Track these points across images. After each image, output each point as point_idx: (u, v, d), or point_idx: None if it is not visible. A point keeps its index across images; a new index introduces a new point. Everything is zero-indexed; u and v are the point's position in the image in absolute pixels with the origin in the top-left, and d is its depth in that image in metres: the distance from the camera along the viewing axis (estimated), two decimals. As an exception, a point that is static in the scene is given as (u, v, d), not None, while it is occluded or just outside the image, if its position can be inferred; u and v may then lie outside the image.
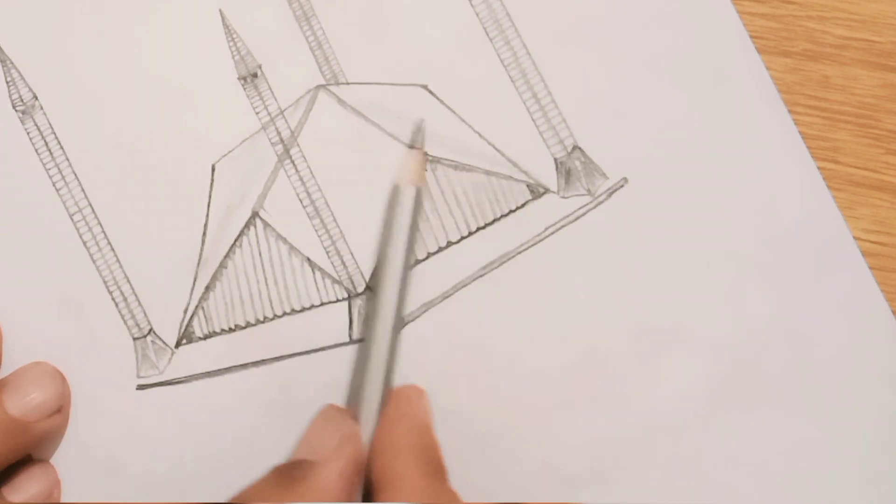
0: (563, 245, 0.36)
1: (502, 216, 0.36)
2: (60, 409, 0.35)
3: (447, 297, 0.36)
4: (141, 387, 0.36)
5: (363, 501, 0.33)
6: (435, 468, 0.32)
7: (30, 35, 0.36)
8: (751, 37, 0.36)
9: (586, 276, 0.36)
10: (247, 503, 0.31)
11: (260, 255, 0.36)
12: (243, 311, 0.36)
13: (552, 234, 0.36)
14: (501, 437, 0.36)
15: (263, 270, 0.36)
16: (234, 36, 0.36)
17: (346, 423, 0.33)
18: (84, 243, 0.36)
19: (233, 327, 0.36)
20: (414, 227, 0.35)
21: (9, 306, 0.36)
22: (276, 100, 0.36)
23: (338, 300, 0.36)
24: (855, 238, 0.36)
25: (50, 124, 0.36)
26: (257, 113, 0.36)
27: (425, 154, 0.36)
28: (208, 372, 0.36)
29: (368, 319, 0.34)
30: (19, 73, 0.36)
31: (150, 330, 0.36)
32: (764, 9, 0.36)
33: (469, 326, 0.36)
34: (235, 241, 0.36)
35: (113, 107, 0.36)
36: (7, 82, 0.36)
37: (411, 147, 0.36)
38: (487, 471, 0.35)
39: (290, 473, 0.31)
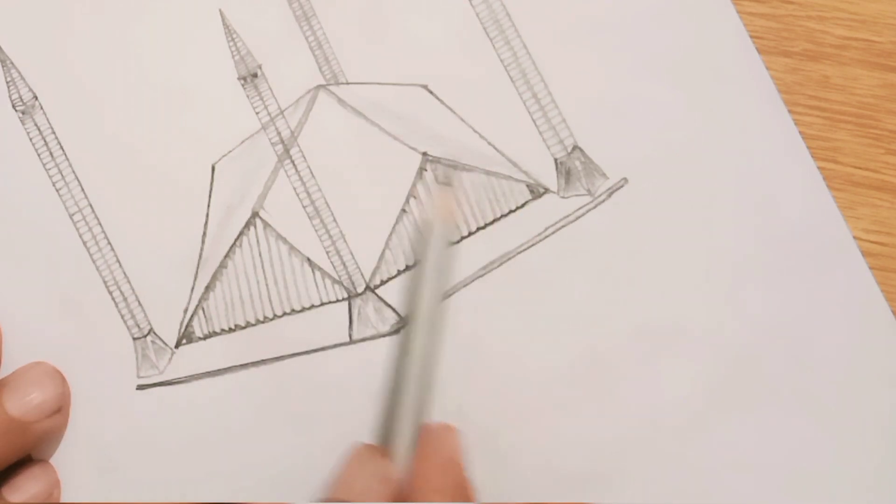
0: (563, 245, 0.36)
1: (502, 216, 0.36)
2: (60, 409, 0.35)
3: (447, 297, 0.36)
4: (141, 387, 0.36)
5: None
6: None
7: (30, 35, 0.36)
8: (751, 37, 0.36)
9: (586, 276, 0.36)
10: None
11: (260, 255, 0.36)
12: (243, 311, 0.36)
13: (552, 234, 0.36)
14: (501, 437, 0.36)
15: (263, 270, 0.36)
16: (234, 36, 0.36)
17: (381, 464, 0.33)
18: (84, 243, 0.36)
19: (233, 327, 0.36)
20: (445, 265, 0.35)
21: (9, 306, 0.36)
22: (276, 100, 0.36)
23: (338, 300, 0.36)
24: (855, 238, 0.36)
25: (50, 124, 0.36)
26: (257, 113, 0.36)
27: (456, 192, 0.36)
28: (208, 372, 0.36)
29: (400, 357, 0.34)
30: (19, 73, 0.36)
31: (150, 330, 0.36)
32: (764, 9, 0.36)
33: (469, 326, 0.36)
34: (235, 241, 0.36)
35: (113, 107, 0.36)
36: (7, 82, 0.36)
37: (442, 184, 0.36)
38: (488, 470, 0.35)
39: None
